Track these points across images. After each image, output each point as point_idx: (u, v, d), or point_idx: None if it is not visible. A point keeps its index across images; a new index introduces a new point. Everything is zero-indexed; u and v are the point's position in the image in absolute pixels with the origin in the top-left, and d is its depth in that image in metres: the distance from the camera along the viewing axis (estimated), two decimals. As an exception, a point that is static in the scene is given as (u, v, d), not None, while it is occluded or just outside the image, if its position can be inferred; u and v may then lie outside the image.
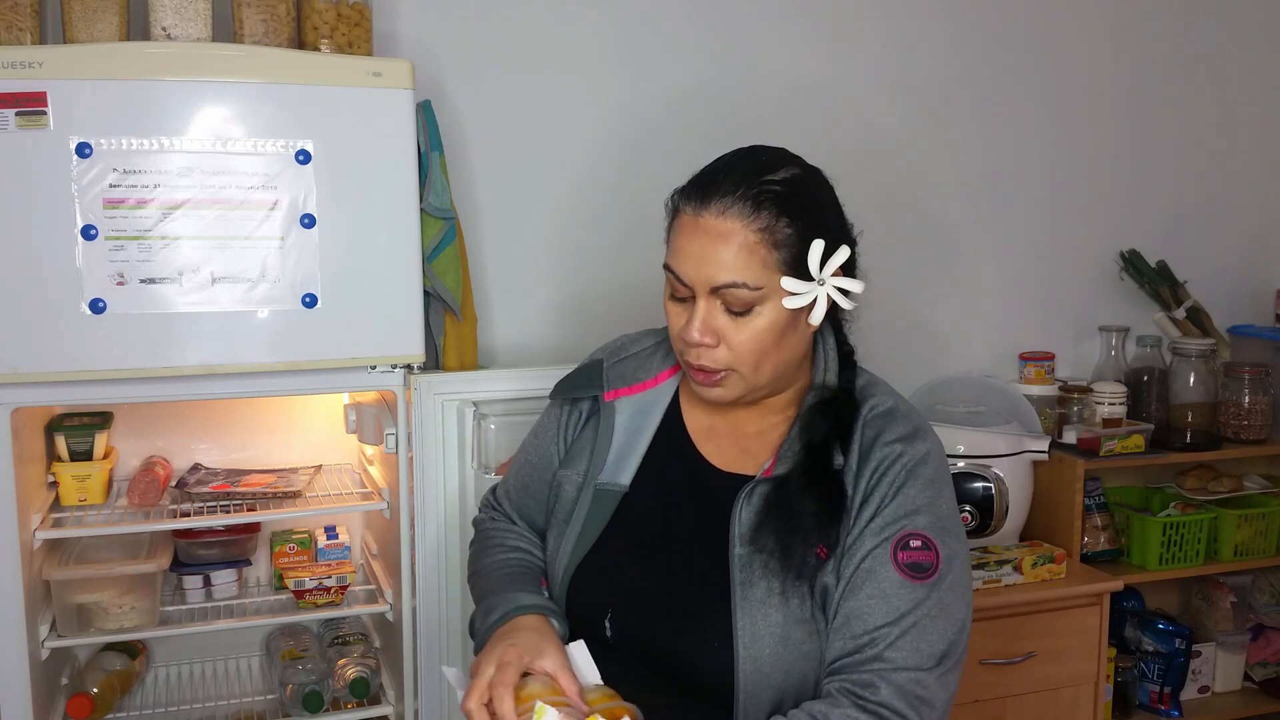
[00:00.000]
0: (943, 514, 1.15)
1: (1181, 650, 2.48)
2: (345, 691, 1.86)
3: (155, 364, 1.61)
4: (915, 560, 1.12)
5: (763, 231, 1.11)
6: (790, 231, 1.12)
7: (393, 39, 2.06)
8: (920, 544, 1.12)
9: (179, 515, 1.79)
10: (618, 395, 1.29)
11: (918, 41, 2.45)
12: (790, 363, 1.20)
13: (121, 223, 1.57)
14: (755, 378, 1.17)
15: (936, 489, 1.15)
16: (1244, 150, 2.75)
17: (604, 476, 1.26)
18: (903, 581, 1.11)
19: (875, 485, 1.14)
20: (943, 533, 1.14)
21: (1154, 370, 2.52)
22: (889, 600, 1.10)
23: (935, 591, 1.11)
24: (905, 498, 1.14)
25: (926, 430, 1.20)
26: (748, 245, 1.11)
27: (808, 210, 1.14)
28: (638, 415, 1.28)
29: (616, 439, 1.27)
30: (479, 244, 2.17)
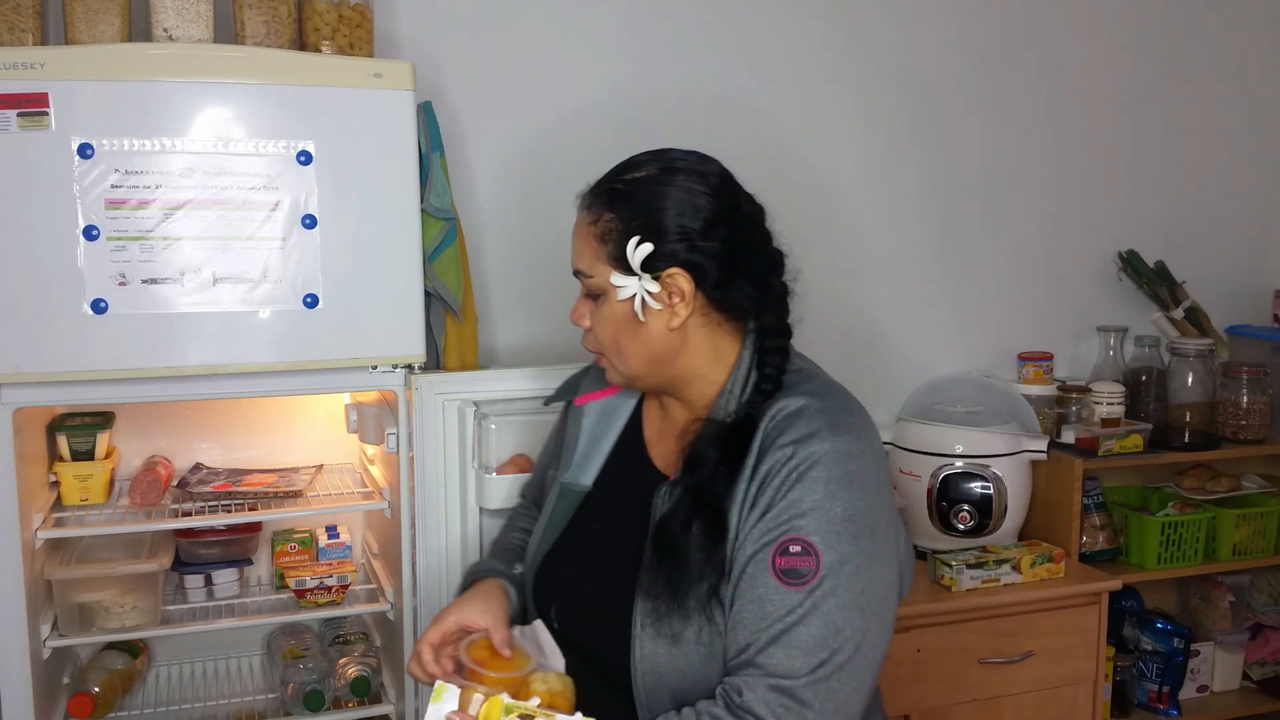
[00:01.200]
0: (836, 517, 1.11)
1: (1180, 649, 2.49)
2: (346, 690, 1.86)
3: (157, 364, 1.61)
4: (792, 566, 1.10)
5: (593, 225, 1.22)
6: (613, 227, 1.20)
7: (393, 40, 2.07)
8: (800, 549, 1.10)
9: (180, 515, 1.79)
10: (586, 400, 1.38)
11: (917, 42, 2.45)
12: (659, 356, 1.22)
13: (123, 223, 1.57)
14: (623, 365, 1.24)
15: (832, 489, 1.11)
16: (1243, 151, 2.76)
17: (569, 476, 1.33)
18: (777, 587, 1.10)
19: (763, 490, 1.13)
20: (832, 536, 1.10)
21: (1152, 370, 2.53)
22: (763, 605, 1.10)
23: (810, 598, 1.09)
24: (790, 501, 1.12)
25: (839, 428, 1.15)
26: (585, 236, 1.23)
27: (638, 207, 1.20)
28: (604, 418, 1.36)
29: (581, 441, 1.35)
30: (479, 244, 2.17)
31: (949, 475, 2.26)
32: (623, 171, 1.25)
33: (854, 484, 1.12)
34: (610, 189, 1.23)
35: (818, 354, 1.29)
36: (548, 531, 1.32)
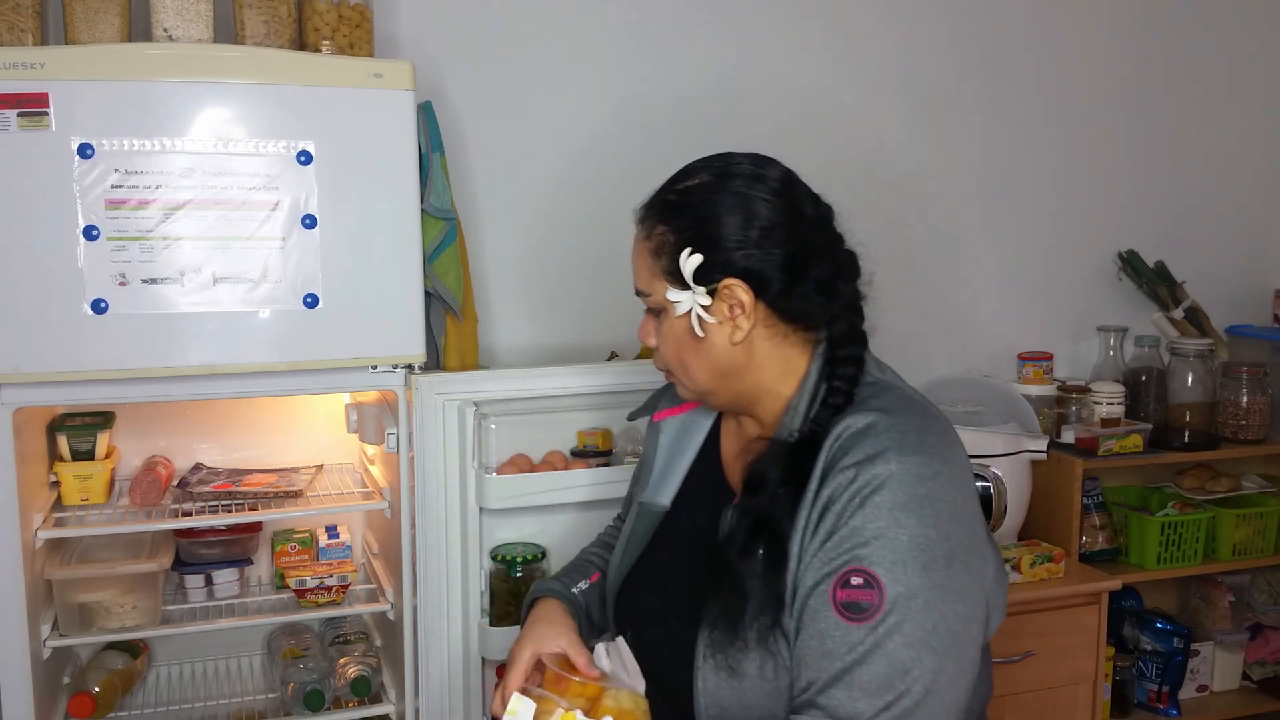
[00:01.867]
0: (901, 546, 1.02)
1: (1180, 649, 2.49)
2: (346, 690, 1.86)
3: (157, 364, 1.61)
4: (854, 599, 1.02)
5: (649, 240, 1.18)
6: (667, 240, 1.16)
7: (393, 40, 2.07)
8: (862, 581, 1.02)
9: (181, 515, 1.79)
10: (664, 416, 1.34)
11: (917, 42, 2.45)
12: (725, 372, 1.17)
13: (123, 223, 1.57)
14: (691, 381, 1.19)
15: (898, 516, 1.03)
16: (1243, 150, 2.76)
17: (647, 495, 1.30)
18: (838, 622, 1.03)
19: (825, 515, 1.06)
20: (898, 567, 1.02)
21: (1152, 370, 2.53)
22: (824, 642, 1.03)
23: (873, 635, 1.01)
24: (851, 529, 1.04)
25: (910, 447, 1.06)
26: (641, 253, 1.19)
27: (690, 217, 1.15)
28: (681, 435, 1.32)
29: (659, 459, 1.31)
30: (479, 244, 2.18)
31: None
32: (676, 181, 1.20)
33: (925, 509, 1.03)
34: (662, 201, 1.18)
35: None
36: (627, 552, 1.29)
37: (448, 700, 1.83)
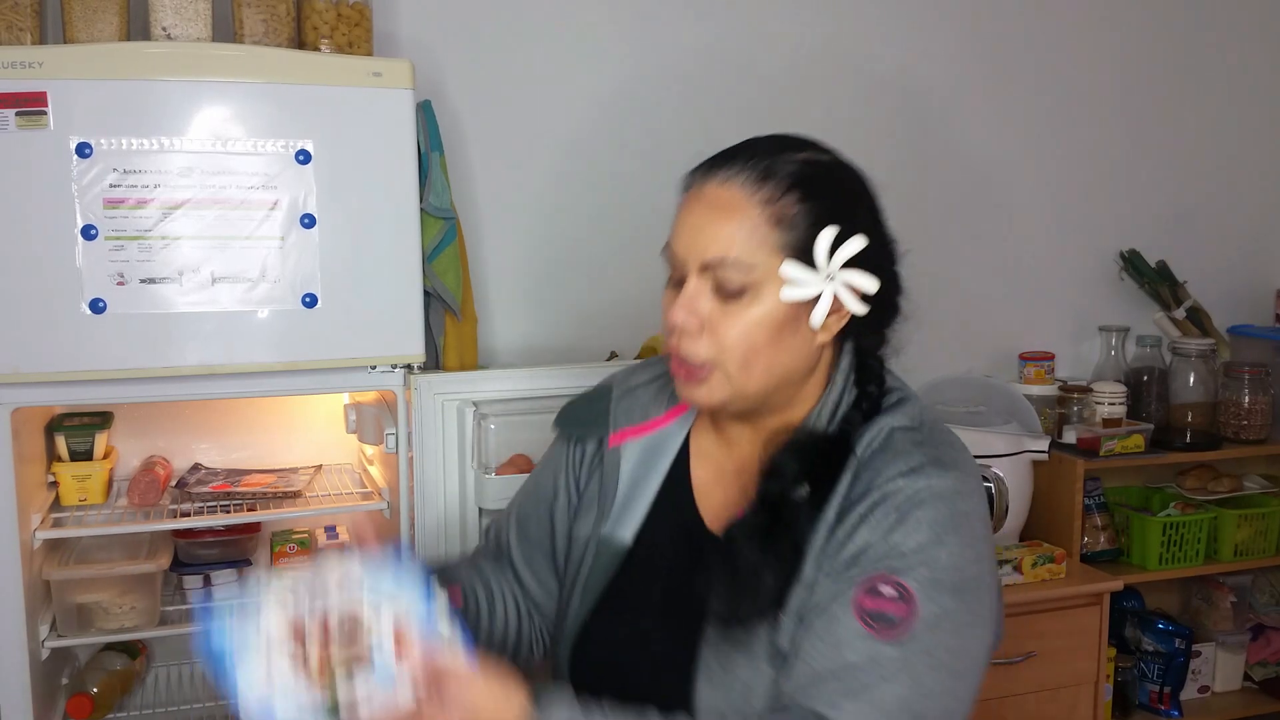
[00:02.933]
0: (940, 565, 0.95)
1: (1181, 650, 2.48)
2: (345, 691, 1.86)
3: (155, 364, 1.61)
4: (881, 610, 0.94)
5: (766, 205, 0.99)
6: (799, 211, 0.99)
7: (393, 39, 2.06)
8: (895, 593, 0.94)
9: (179, 515, 1.79)
10: (624, 438, 1.15)
11: (916, 41, 2.45)
12: (787, 375, 1.03)
13: (121, 223, 1.57)
14: (743, 380, 1.02)
15: (940, 533, 0.96)
16: (1244, 150, 2.75)
17: (606, 529, 1.13)
18: (860, 631, 0.93)
19: (860, 526, 0.97)
20: (933, 586, 0.94)
21: (1154, 370, 2.52)
22: (841, 650, 0.94)
23: (901, 653, 0.93)
24: (893, 543, 0.96)
25: (946, 463, 1.00)
26: (747, 218, 0.99)
27: (826, 193, 1.01)
28: (645, 459, 1.14)
29: (622, 487, 1.14)
30: (479, 244, 2.17)
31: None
32: (786, 149, 1.03)
33: (963, 529, 0.97)
34: (788, 167, 1.01)
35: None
36: (585, 595, 1.12)
37: (447, 701, 1.82)
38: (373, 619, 0.92)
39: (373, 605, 0.93)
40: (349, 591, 0.94)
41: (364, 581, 0.95)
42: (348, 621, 0.92)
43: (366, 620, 0.92)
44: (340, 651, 0.91)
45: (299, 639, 0.92)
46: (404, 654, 0.91)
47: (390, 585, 0.95)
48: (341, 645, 0.91)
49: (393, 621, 0.92)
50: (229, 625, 0.93)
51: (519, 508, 1.26)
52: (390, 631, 0.92)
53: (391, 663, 0.91)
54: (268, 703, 0.90)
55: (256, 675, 0.91)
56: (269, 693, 0.90)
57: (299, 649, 0.91)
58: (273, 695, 0.90)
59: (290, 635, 0.92)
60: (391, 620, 0.92)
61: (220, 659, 0.92)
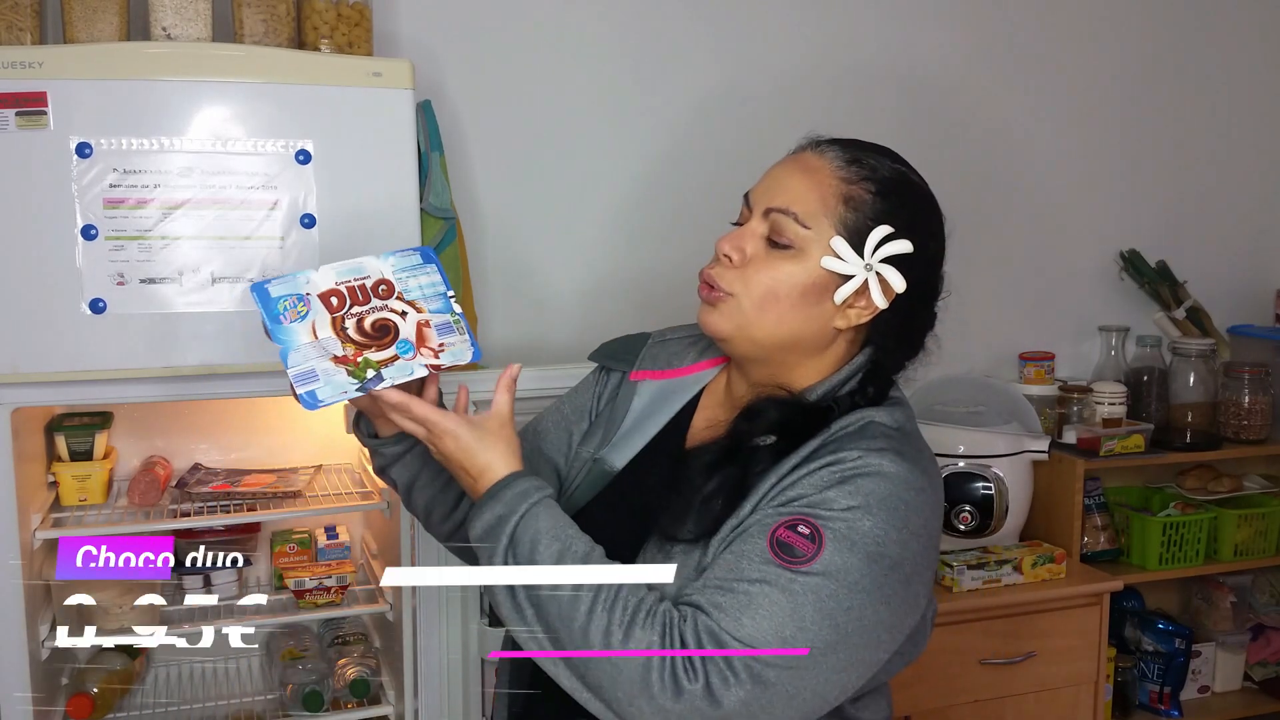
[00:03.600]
0: (861, 530, 0.99)
1: (1181, 650, 2.48)
2: (345, 691, 1.86)
3: (155, 364, 1.61)
4: (790, 542, 0.98)
5: (844, 182, 1.09)
6: (869, 201, 1.09)
7: (393, 39, 2.06)
8: (808, 532, 0.99)
9: (179, 515, 1.79)
10: (643, 377, 1.26)
11: (915, 41, 2.45)
12: (797, 338, 1.10)
13: (122, 222, 1.56)
14: (754, 318, 1.09)
15: (871, 504, 1.00)
16: (1244, 150, 2.75)
17: (603, 452, 1.22)
18: (764, 553, 0.98)
19: (802, 480, 1.03)
20: (846, 543, 0.98)
21: (1154, 370, 2.52)
22: (739, 561, 1.00)
23: (790, 579, 0.97)
24: (826, 497, 1.01)
25: (908, 457, 1.04)
26: (823, 185, 1.09)
27: (899, 200, 1.10)
28: (657, 400, 1.24)
29: (629, 419, 1.23)
30: (479, 244, 2.17)
31: (950, 475, 2.26)
32: (887, 156, 1.14)
33: (896, 511, 1.01)
34: (878, 166, 1.11)
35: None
36: (567, 507, 1.17)
37: (447, 701, 1.82)
38: (401, 323, 1.13)
39: (401, 311, 1.14)
40: (384, 303, 1.14)
41: (396, 285, 1.15)
42: (381, 324, 1.13)
43: (396, 323, 1.13)
44: (375, 354, 1.11)
45: (339, 328, 1.12)
46: (423, 348, 1.13)
47: (416, 291, 1.15)
48: (376, 351, 1.11)
49: (416, 324, 1.13)
50: (281, 281, 1.12)
51: (539, 423, 1.35)
52: (414, 333, 1.13)
53: (414, 362, 1.11)
54: (308, 379, 1.11)
55: (301, 344, 1.11)
56: (310, 369, 1.11)
57: (339, 337, 1.12)
58: (314, 373, 1.10)
59: (331, 325, 1.12)
60: (415, 324, 1.13)
61: (273, 309, 1.12)
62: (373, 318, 1.13)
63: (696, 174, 2.26)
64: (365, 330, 1.12)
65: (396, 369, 1.11)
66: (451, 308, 1.17)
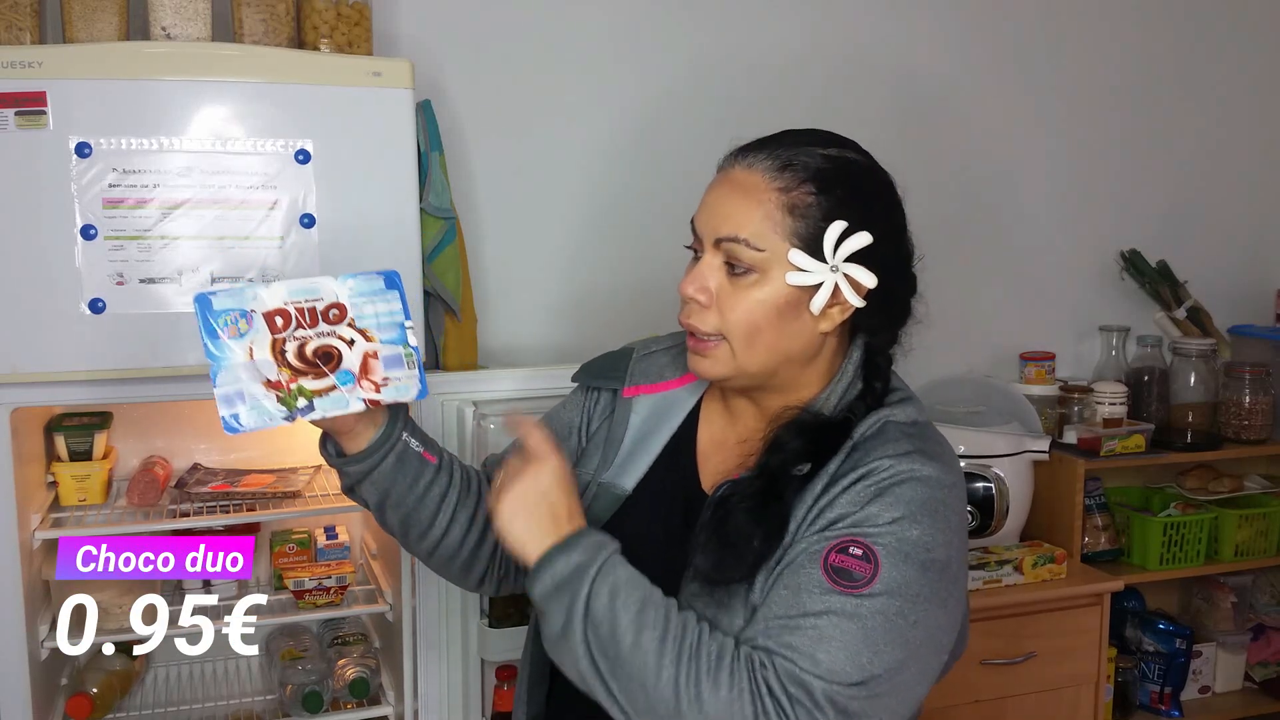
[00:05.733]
0: (910, 539, 0.98)
1: (1182, 650, 2.48)
2: (345, 692, 1.86)
3: (155, 364, 1.60)
4: (845, 566, 0.97)
5: (782, 192, 1.05)
6: (813, 202, 1.05)
7: (393, 39, 2.06)
8: (861, 553, 0.98)
9: (178, 515, 1.78)
10: (637, 392, 1.22)
11: (916, 39, 2.45)
12: (789, 356, 1.09)
13: (121, 222, 1.56)
14: (746, 357, 1.07)
15: (914, 512, 1.00)
16: (1244, 150, 2.75)
17: (609, 475, 1.19)
18: (822, 583, 0.97)
19: (840, 496, 1.02)
20: (899, 555, 0.98)
21: (1154, 370, 2.52)
22: (799, 595, 0.97)
23: (856, 605, 0.96)
24: (868, 513, 1.00)
25: (933, 455, 1.04)
26: (763, 202, 1.05)
27: (841, 189, 1.06)
28: (654, 416, 1.21)
29: (629, 438, 1.20)
30: (479, 244, 2.17)
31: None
32: (814, 143, 1.09)
33: (938, 514, 1.01)
34: (810, 161, 1.06)
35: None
36: None
37: (447, 702, 1.82)
38: (346, 352, 1.08)
39: (349, 339, 1.08)
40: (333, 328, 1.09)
41: (350, 310, 1.09)
42: (324, 351, 1.08)
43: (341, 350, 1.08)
44: (310, 383, 1.07)
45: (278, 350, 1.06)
46: (365, 381, 1.08)
47: (371, 319, 1.10)
48: (313, 379, 1.07)
49: (363, 354, 1.08)
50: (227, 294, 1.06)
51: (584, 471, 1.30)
52: (358, 364, 1.08)
53: (352, 395, 1.07)
54: (233, 402, 1.06)
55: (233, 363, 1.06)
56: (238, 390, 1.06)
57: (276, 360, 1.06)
58: (241, 395, 1.06)
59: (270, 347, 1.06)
60: (362, 354, 1.08)
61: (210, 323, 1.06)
62: (316, 343, 1.08)
63: (699, 173, 2.25)
64: (305, 356, 1.07)
65: (331, 400, 1.07)
66: (406, 339, 1.11)
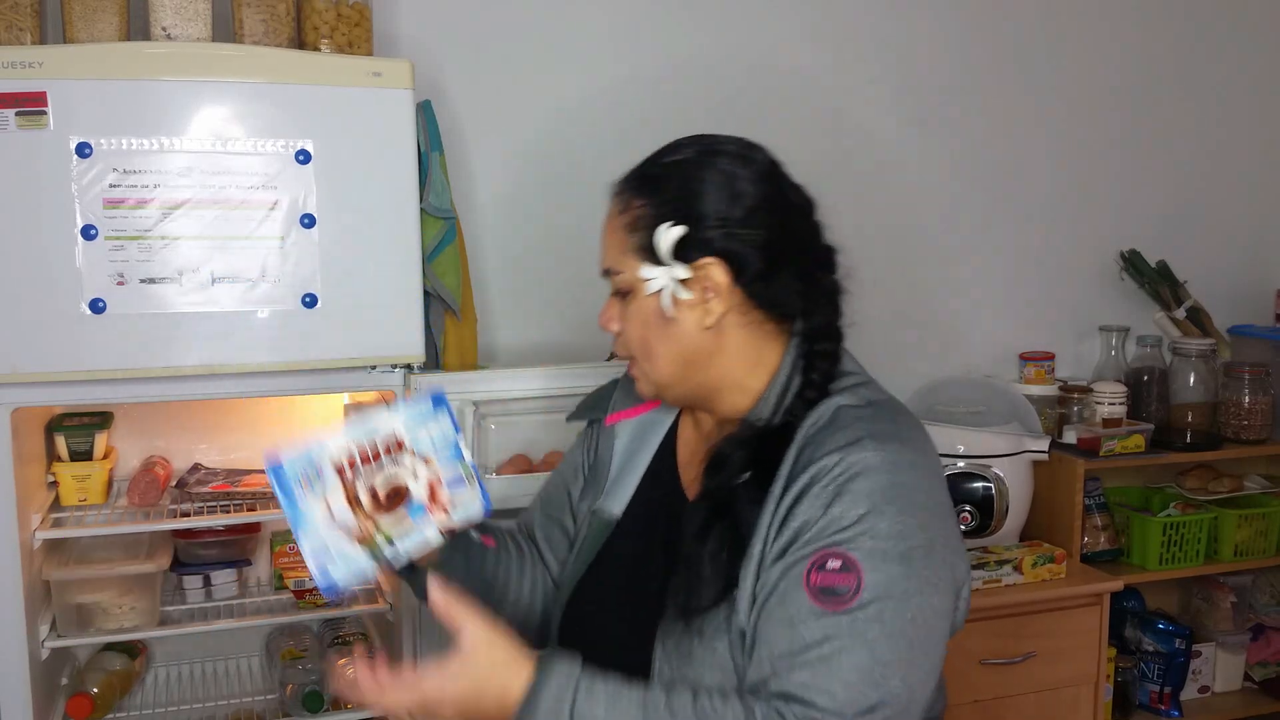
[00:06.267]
0: (881, 534, 0.97)
1: (1181, 650, 2.48)
2: (345, 691, 1.86)
3: (155, 364, 1.61)
4: (830, 584, 0.96)
5: (623, 215, 1.12)
6: (644, 214, 1.09)
7: (393, 39, 2.06)
8: (840, 564, 0.96)
9: (179, 515, 1.79)
10: (617, 419, 1.25)
11: (916, 39, 2.45)
12: (692, 360, 1.10)
13: (121, 223, 1.57)
14: (654, 370, 1.12)
15: (878, 503, 0.98)
16: (1244, 150, 2.75)
17: (599, 503, 1.22)
18: (812, 608, 0.96)
19: (797, 505, 1.00)
20: (877, 555, 0.97)
21: (1154, 370, 2.52)
22: (793, 627, 0.97)
23: (851, 620, 0.95)
24: (831, 518, 0.98)
25: (885, 436, 1.02)
26: (613, 228, 1.13)
27: (673, 191, 1.09)
28: (636, 439, 1.24)
29: (615, 464, 1.23)
30: (479, 244, 2.17)
31: (950, 475, 2.26)
32: (659, 155, 1.14)
33: (900, 499, 0.99)
34: (642, 174, 1.13)
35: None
36: (577, 563, 1.21)
37: (447, 701, 1.82)
38: (412, 484, 1.12)
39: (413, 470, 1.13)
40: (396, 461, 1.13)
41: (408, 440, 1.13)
42: (394, 490, 1.12)
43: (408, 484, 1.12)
44: (386, 522, 1.11)
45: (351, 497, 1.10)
46: (435, 509, 1.12)
47: (427, 444, 1.14)
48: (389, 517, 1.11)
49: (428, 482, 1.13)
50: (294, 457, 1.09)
51: (544, 490, 1.36)
52: (426, 493, 1.12)
53: (426, 527, 1.12)
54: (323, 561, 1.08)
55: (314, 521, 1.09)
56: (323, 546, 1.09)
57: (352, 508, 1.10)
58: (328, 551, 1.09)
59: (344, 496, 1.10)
60: (427, 482, 1.13)
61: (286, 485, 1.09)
62: (384, 482, 1.12)
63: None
64: (377, 497, 1.12)
65: (411, 539, 1.12)
66: (462, 455, 1.15)
